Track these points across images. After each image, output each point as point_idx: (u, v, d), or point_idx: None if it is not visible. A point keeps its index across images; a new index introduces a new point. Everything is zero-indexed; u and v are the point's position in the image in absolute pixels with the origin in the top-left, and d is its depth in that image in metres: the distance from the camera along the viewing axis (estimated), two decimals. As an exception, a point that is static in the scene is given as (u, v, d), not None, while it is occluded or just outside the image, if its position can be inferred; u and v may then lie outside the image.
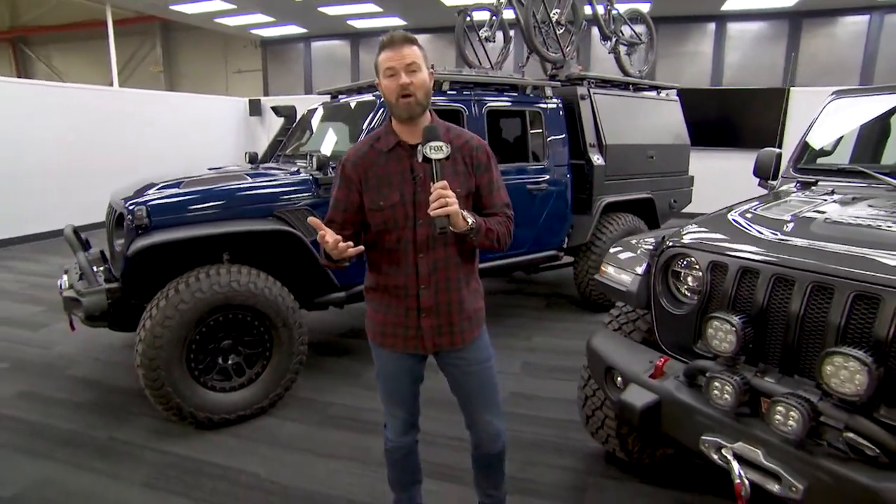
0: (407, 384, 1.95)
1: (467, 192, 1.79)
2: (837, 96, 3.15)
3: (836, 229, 1.93)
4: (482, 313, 1.95)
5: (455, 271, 1.81)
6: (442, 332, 1.83)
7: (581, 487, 2.56)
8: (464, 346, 1.87)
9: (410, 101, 1.68)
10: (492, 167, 1.86)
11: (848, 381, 1.45)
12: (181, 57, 15.06)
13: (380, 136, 1.81)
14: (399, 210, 1.75)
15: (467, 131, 1.89)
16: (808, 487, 1.50)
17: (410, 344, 1.84)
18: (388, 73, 1.68)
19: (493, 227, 1.78)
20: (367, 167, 1.77)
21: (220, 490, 2.54)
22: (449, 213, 1.59)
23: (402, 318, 1.82)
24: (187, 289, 2.88)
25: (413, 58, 1.68)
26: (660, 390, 1.87)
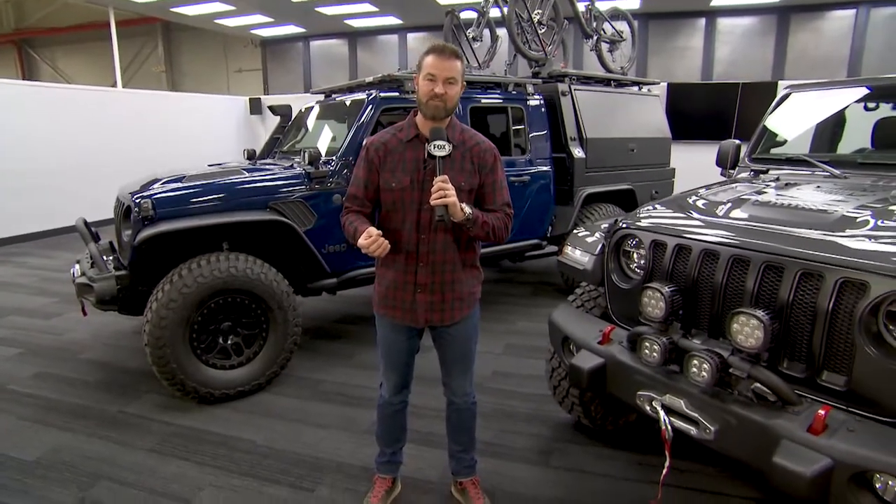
0: (402, 352, 2.20)
1: (470, 188, 2.03)
2: (791, 90, 3.38)
3: (762, 210, 2.18)
4: (475, 297, 2.18)
5: (451, 254, 2.05)
6: (434, 308, 2.08)
7: (548, 451, 2.81)
8: (453, 324, 2.12)
9: (439, 105, 1.94)
10: (497, 169, 2.10)
11: (750, 336, 1.69)
12: (183, 57, 15.35)
13: (402, 128, 2.08)
14: (408, 193, 2.00)
15: (480, 135, 2.14)
16: (718, 429, 1.74)
17: (407, 316, 2.09)
18: (429, 77, 1.93)
19: (488, 221, 2.02)
20: (388, 152, 2.04)
21: (220, 454, 2.81)
22: (447, 203, 1.86)
23: (401, 292, 2.07)
24: (190, 274, 3.14)
25: (454, 72, 1.94)
26: (605, 354, 2.12)
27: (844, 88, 3.32)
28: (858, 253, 1.70)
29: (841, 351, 1.69)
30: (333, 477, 2.62)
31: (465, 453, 2.36)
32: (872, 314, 1.62)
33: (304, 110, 4.87)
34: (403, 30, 12.32)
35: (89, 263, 3.58)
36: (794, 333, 1.78)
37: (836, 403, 1.68)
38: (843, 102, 3.32)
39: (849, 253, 1.70)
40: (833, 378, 1.72)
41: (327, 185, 3.72)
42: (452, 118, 2.06)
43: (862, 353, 1.63)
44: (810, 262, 1.74)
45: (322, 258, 3.69)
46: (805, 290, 1.76)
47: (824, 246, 1.77)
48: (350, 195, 2.09)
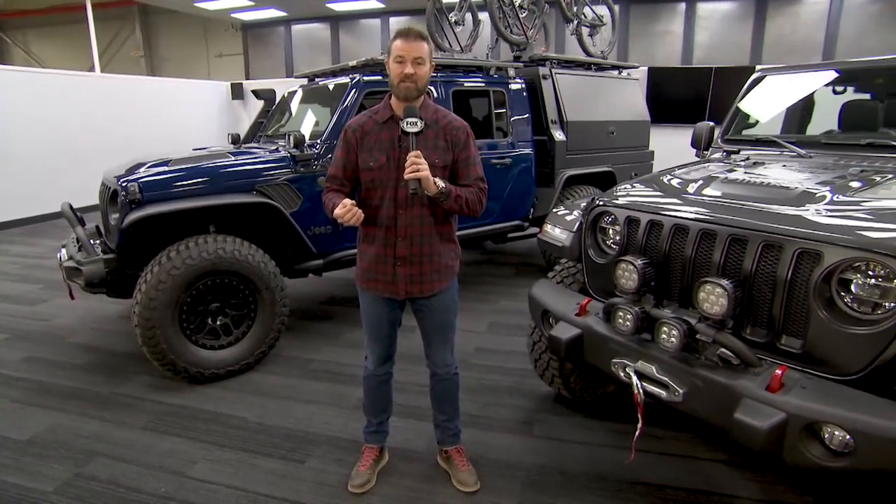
0: (385, 324, 2.30)
1: (444, 165, 2.13)
2: (761, 73, 3.50)
3: (730, 187, 2.29)
4: (453, 270, 2.29)
5: (429, 228, 2.16)
6: (413, 280, 2.18)
7: (530, 422, 2.94)
8: (432, 295, 2.23)
9: (410, 86, 2.04)
10: (470, 145, 2.20)
11: (714, 304, 1.81)
12: (162, 41, 15.10)
13: (378, 110, 2.17)
14: (385, 171, 2.10)
15: (452, 114, 2.25)
16: (686, 392, 1.87)
17: (387, 289, 2.19)
18: (398, 59, 2.03)
19: (462, 194, 2.12)
20: (364, 134, 2.13)
21: (213, 430, 2.89)
22: (419, 177, 1.96)
23: (382, 266, 2.17)
24: (178, 256, 3.19)
25: (421, 52, 2.03)
26: (582, 325, 2.23)
27: (811, 72, 3.44)
28: (813, 225, 1.82)
29: (798, 316, 1.82)
30: (323, 449, 2.72)
31: (450, 422, 2.48)
32: (826, 281, 1.75)
33: (288, 94, 4.89)
34: (386, 13, 12.26)
35: (76, 247, 3.61)
36: (756, 301, 1.91)
37: (792, 364, 1.82)
38: (811, 86, 3.45)
39: (805, 225, 1.83)
40: (791, 342, 1.85)
41: (312, 167, 3.78)
42: (426, 99, 2.15)
43: (815, 317, 1.76)
44: (771, 234, 1.86)
45: (308, 239, 3.75)
46: (766, 261, 1.88)
47: (784, 219, 1.89)
48: (330, 175, 2.19)
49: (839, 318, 1.73)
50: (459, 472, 2.42)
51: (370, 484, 2.41)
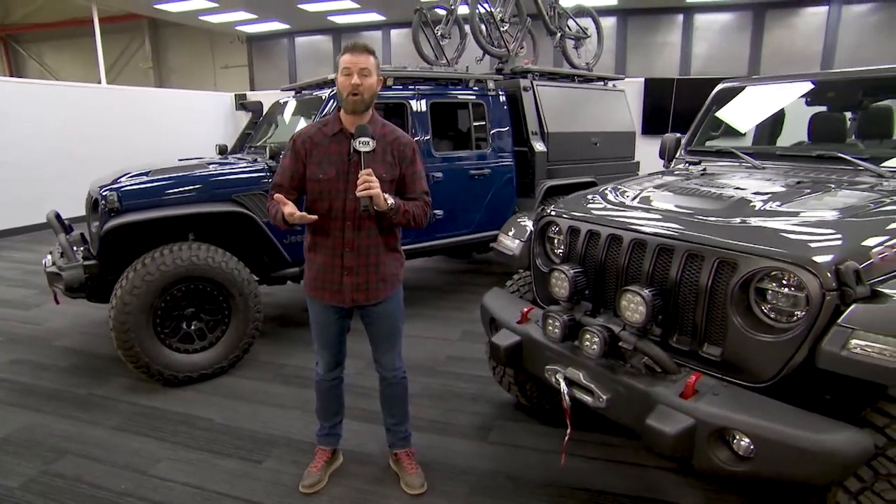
0: (333, 332, 2.38)
1: (392, 179, 2.22)
2: (725, 83, 3.56)
3: (670, 199, 2.36)
4: (398, 278, 2.37)
5: (375, 239, 2.24)
6: (359, 289, 2.25)
7: (487, 428, 2.99)
8: (377, 302, 2.31)
9: (357, 99, 2.12)
10: (416, 161, 2.30)
11: (635, 311, 1.87)
12: (170, 53, 15.44)
13: (327, 122, 2.25)
14: (334, 184, 2.17)
15: (399, 129, 2.33)
16: (609, 398, 1.92)
17: (335, 297, 2.27)
18: (345, 71, 2.11)
19: (409, 209, 2.22)
20: (314, 145, 2.21)
21: (180, 431, 2.98)
22: (371, 195, 2.04)
23: (329, 275, 2.25)
24: (153, 262, 3.30)
25: (367, 64, 2.11)
26: (522, 332, 2.29)
27: (774, 84, 3.48)
28: (733, 235, 1.87)
29: (718, 325, 1.88)
30: (282, 451, 2.79)
31: (399, 426, 2.54)
32: (743, 290, 1.81)
33: (276, 106, 5.02)
34: (387, 26, 12.46)
35: (59, 253, 3.74)
36: (681, 310, 1.97)
37: (712, 372, 1.87)
38: (774, 97, 3.49)
39: (724, 235, 1.88)
40: (712, 349, 1.90)
41: (289, 178, 3.88)
42: (374, 114, 2.23)
43: (733, 326, 1.81)
44: (693, 244, 1.92)
45: (283, 248, 3.86)
46: (690, 270, 1.94)
47: (707, 230, 1.95)
48: (276, 184, 2.25)
49: (753, 326, 1.79)
50: (408, 474, 2.49)
51: (321, 484, 2.48)
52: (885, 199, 2.16)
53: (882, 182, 2.39)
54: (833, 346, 1.59)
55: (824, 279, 1.64)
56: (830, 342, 1.60)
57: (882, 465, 1.58)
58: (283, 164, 2.26)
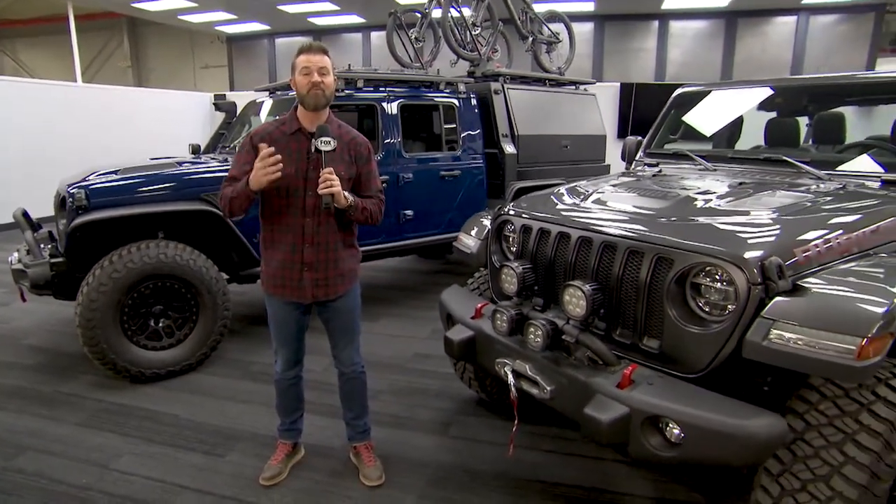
0: (292, 329, 2.43)
1: (349, 177, 2.29)
2: (684, 88, 3.67)
3: (618, 198, 2.45)
4: (355, 274, 2.44)
5: (334, 235, 2.30)
6: (319, 284, 2.31)
7: (448, 423, 3.06)
8: (336, 298, 2.37)
9: (319, 94, 2.18)
10: (371, 160, 2.38)
11: (576, 306, 1.95)
12: (149, 52, 15.32)
13: (285, 121, 2.31)
14: (292, 180, 2.22)
15: (354, 129, 2.40)
16: (554, 389, 2.00)
17: (294, 293, 2.32)
18: (304, 71, 2.17)
19: (367, 207, 2.31)
20: (272, 142, 2.23)
21: (145, 427, 3.01)
22: (333, 192, 2.12)
23: (289, 271, 2.29)
24: (120, 260, 3.32)
25: (325, 64, 2.19)
26: (474, 327, 2.36)
27: (730, 89, 3.60)
28: (670, 232, 1.96)
29: (656, 318, 1.96)
30: (245, 445, 2.84)
31: (358, 420, 2.60)
32: (679, 284, 1.89)
33: (249, 106, 5.05)
34: (367, 28, 12.51)
35: (26, 250, 3.74)
36: (623, 304, 2.05)
37: (651, 364, 1.95)
38: (730, 103, 3.60)
39: (663, 232, 1.97)
40: (651, 342, 1.99)
41: (259, 177, 3.91)
42: (331, 114, 2.29)
43: (669, 319, 1.90)
44: (634, 241, 2.01)
45: (252, 247, 3.89)
46: (631, 266, 2.02)
47: (648, 227, 2.04)
48: (230, 177, 2.25)
49: (688, 319, 1.88)
50: (366, 467, 2.54)
51: (281, 477, 2.53)
52: (818, 199, 2.27)
53: (819, 184, 2.51)
54: (756, 336, 1.68)
55: (750, 274, 1.74)
56: (754, 333, 1.69)
57: (800, 448, 1.67)
58: (238, 161, 2.28)
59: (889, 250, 2.14)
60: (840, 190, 2.43)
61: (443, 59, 6.10)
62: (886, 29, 10.56)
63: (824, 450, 1.65)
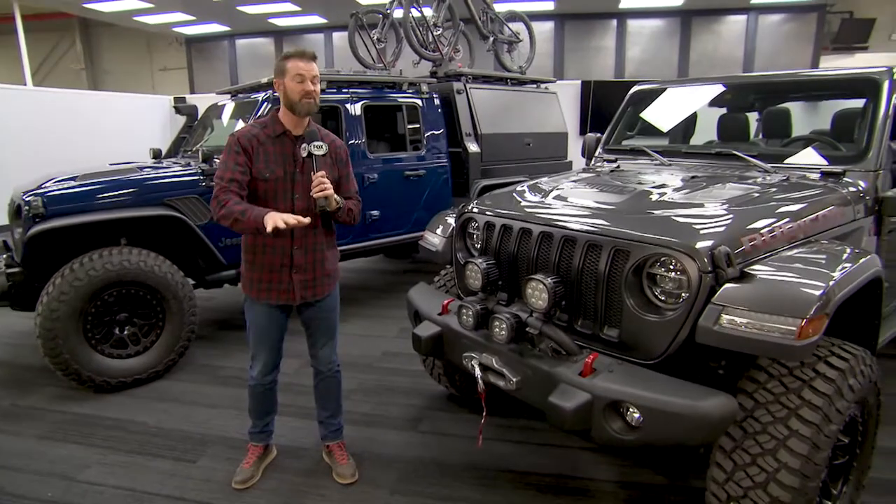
0: (274, 333, 2.44)
1: (332, 179, 2.31)
2: (639, 86, 3.79)
3: (579, 194, 2.53)
4: (338, 273, 2.50)
5: (319, 237, 2.35)
6: (307, 286, 2.35)
7: (418, 419, 3.11)
8: (322, 298, 2.41)
9: (311, 102, 2.24)
10: (349, 163, 2.46)
11: (539, 298, 2.02)
12: (104, 54, 14.88)
13: (267, 124, 2.31)
14: (280, 184, 2.26)
15: (332, 133, 2.46)
16: (520, 380, 2.07)
17: (283, 296, 2.34)
18: (298, 78, 2.21)
19: (352, 208, 2.39)
20: (258, 145, 2.26)
21: (111, 436, 2.96)
22: (327, 195, 2.17)
23: (277, 275, 2.31)
24: (81, 268, 3.26)
25: (317, 72, 2.26)
26: (441, 323, 2.42)
27: (686, 87, 3.73)
28: (626, 225, 2.05)
29: (615, 308, 2.05)
30: (216, 449, 2.83)
31: (333, 419, 2.63)
32: (636, 275, 1.98)
33: (211, 109, 4.99)
34: (329, 28, 12.43)
35: (-20, 262, 3.63)
36: (584, 296, 2.13)
37: (611, 352, 2.04)
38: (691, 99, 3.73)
39: (619, 225, 2.06)
40: (611, 331, 2.07)
41: (222, 181, 3.89)
42: (310, 118, 2.33)
43: (627, 308, 1.99)
44: (592, 235, 2.09)
45: (218, 251, 3.86)
46: (590, 259, 2.10)
47: (605, 221, 2.12)
48: (229, 179, 2.17)
49: (645, 308, 1.96)
50: (339, 465, 2.57)
51: (254, 479, 2.53)
52: (764, 191, 2.39)
53: (766, 177, 2.65)
54: (708, 322, 1.78)
55: (701, 263, 1.83)
56: (706, 319, 1.79)
57: (750, 425, 1.78)
58: (233, 161, 2.20)
59: (828, 237, 2.28)
60: (784, 182, 2.57)
61: (405, 60, 6.14)
62: (828, 28, 11.06)
63: (771, 425, 1.76)
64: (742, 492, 1.78)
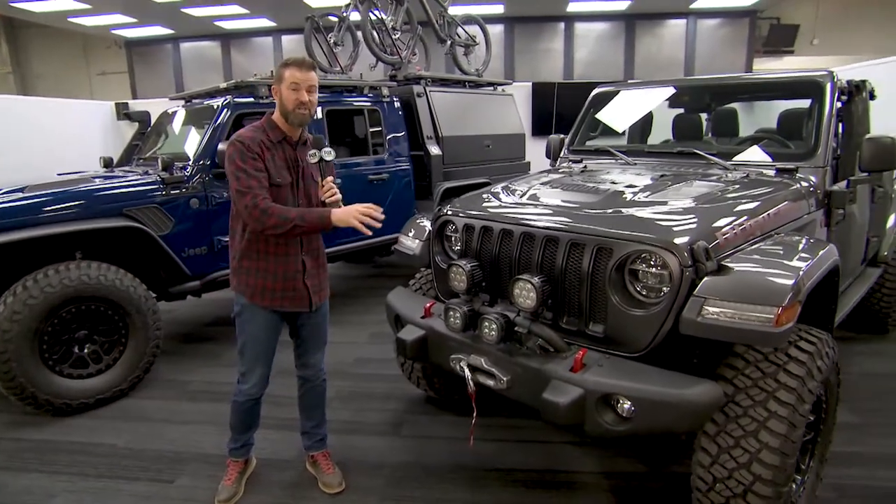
0: (274, 344, 2.39)
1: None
2: (600, 88, 3.91)
3: (555, 194, 2.60)
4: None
5: (318, 242, 2.38)
6: (316, 290, 2.36)
7: (399, 423, 3.10)
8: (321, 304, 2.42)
9: (305, 113, 2.21)
10: (332, 168, 2.41)
11: (526, 298, 2.06)
12: (33, 57, 14.07)
13: (265, 129, 2.23)
14: (289, 189, 2.24)
15: None
16: (510, 379, 2.10)
17: (295, 303, 2.31)
18: (293, 86, 2.16)
19: None
20: (266, 149, 2.19)
21: (77, 462, 2.82)
22: (338, 200, 2.22)
23: (291, 282, 2.28)
24: (36, 285, 3.08)
25: (314, 81, 2.21)
26: (426, 326, 2.42)
27: (642, 89, 3.87)
28: (608, 224, 2.12)
29: (599, 305, 2.11)
30: (195, 467, 2.74)
31: (318, 428, 2.59)
32: (618, 272, 2.05)
33: (165, 116, 4.82)
34: (278, 32, 12.20)
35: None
36: (568, 294, 2.18)
37: (597, 347, 2.10)
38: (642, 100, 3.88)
39: (601, 224, 2.12)
40: (596, 327, 2.13)
41: (183, 190, 3.77)
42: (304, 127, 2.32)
43: (612, 304, 2.05)
44: (575, 234, 2.14)
45: (182, 262, 3.74)
46: (573, 258, 2.15)
47: (586, 220, 2.18)
48: (257, 185, 2.09)
49: (628, 303, 2.03)
50: (325, 475, 2.54)
51: (238, 496, 2.47)
52: (728, 187, 2.52)
53: (727, 174, 2.78)
54: (691, 313, 1.86)
55: (682, 258, 1.91)
56: (689, 311, 1.87)
57: (732, 409, 1.87)
58: (252, 167, 2.11)
59: (788, 230, 2.42)
60: (745, 179, 2.70)
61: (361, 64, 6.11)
62: (759, 33, 11.70)
63: (751, 408, 1.85)
64: (727, 473, 1.87)
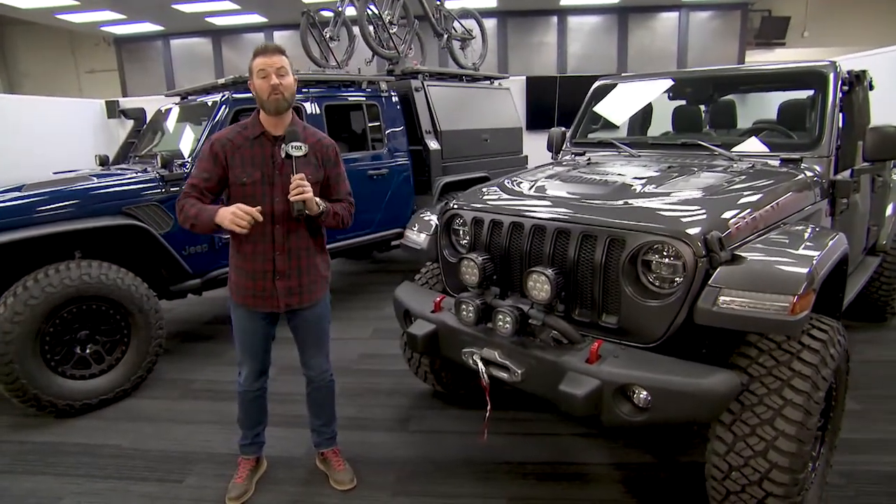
0: (259, 340, 2.35)
1: (316, 181, 2.22)
2: (601, 81, 3.91)
3: (563, 186, 2.59)
4: (327, 280, 2.41)
5: (305, 241, 2.25)
6: (292, 292, 2.26)
7: (406, 419, 3.09)
8: (310, 305, 2.32)
9: (279, 98, 2.11)
10: (339, 162, 2.34)
11: (541, 290, 2.05)
12: (20, 55, 13.86)
13: (247, 126, 2.21)
14: (259, 187, 2.15)
15: (320, 131, 2.35)
16: (524, 371, 2.09)
17: (267, 303, 2.25)
18: (261, 74, 2.10)
19: (338, 212, 2.27)
20: (234, 149, 2.16)
21: (82, 463, 2.78)
22: (305, 199, 2.07)
23: (261, 281, 2.22)
24: (36, 285, 3.04)
25: (282, 63, 2.12)
26: (436, 321, 2.41)
27: (642, 81, 3.87)
28: (620, 215, 2.11)
29: (612, 296, 2.10)
30: (203, 466, 2.71)
31: (327, 427, 2.57)
32: (631, 263, 2.04)
33: (161, 113, 4.77)
34: (269, 27, 12.09)
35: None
36: (581, 285, 2.18)
37: (611, 339, 2.09)
38: (644, 92, 3.88)
39: (613, 216, 2.12)
40: (609, 319, 2.12)
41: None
42: (294, 116, 2.24)
43: (625, 295, 2.05)
44: (587, 226, 2.13)
45: (183, 260, 3.70)
46: (586, 249, 2.15)
47: (598, 212, 2.18)
48: (191, 185, 2.16)
49: (642, 294, 2.03)
50: (336, 472, 2.52)
51: (248, 494, 2.45)
52: (735, 178, 2.52)
53: (733, 164, 2.79)
54: (706, 303, 1.86)
55: (696, 248, 1.91)
56: (704, 300, 1.87)
57: (747, 398, 1.87)
58: (200, 167, 2.18)
59: (796, 219, 2.43)
60: (750, 169, 2.71)
61: (357, 58, 6.07)
62: (751, 25, 11.75)
63: (767, 396, 1.86)
64: (743, 461, 1.87)
